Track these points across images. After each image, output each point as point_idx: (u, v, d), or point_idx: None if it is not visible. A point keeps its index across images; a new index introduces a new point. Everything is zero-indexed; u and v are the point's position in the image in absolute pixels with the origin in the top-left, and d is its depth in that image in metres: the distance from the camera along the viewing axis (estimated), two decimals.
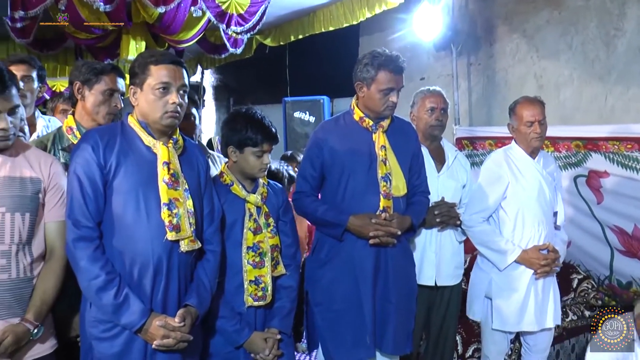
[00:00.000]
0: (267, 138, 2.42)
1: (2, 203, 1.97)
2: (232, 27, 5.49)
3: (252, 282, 2.40)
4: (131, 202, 2.06)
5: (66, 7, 4.94)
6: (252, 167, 2.44)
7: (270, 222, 2.49)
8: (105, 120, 2.54)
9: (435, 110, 3.22)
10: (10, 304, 1.97)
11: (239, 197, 2.45)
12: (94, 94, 2.54)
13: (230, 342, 2.38)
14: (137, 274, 2.06)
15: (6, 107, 1.97)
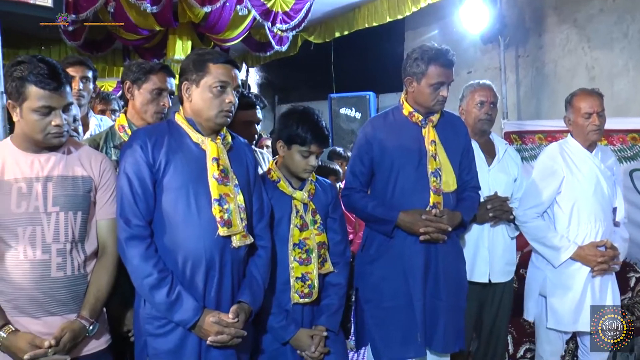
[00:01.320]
0: (316, 139, 2.39)
1: (56, 202, 2.01)
2: (278, 25, 5.51)
3: (299, 279, 2.38)
4: (181, 199, 2.07)
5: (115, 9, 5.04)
6: (297, 166, 2.42)
7: (317, 219, 2.46)
8: (154, 119, 2.57)
9: (485, 104, 3.15)
10: (67, 300, 2.01)
11: (285, 194, 2.44)
12: (142, 93, 2.57)
13: (276, 338, 2.38)
14: (190, 271, 2.07)
15: (61, 104, 2.00)
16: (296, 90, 7.50)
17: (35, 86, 1.94)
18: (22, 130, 2.02)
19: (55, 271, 1.98)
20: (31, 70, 1.94)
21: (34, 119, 1.97)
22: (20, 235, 1.96)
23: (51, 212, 2.00)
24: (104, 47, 6.63)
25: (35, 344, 1.90)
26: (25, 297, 1.96)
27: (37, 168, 2.02)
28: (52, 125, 1.98)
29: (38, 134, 1.99)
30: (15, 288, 1.95)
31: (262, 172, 2.54)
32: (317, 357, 2.37)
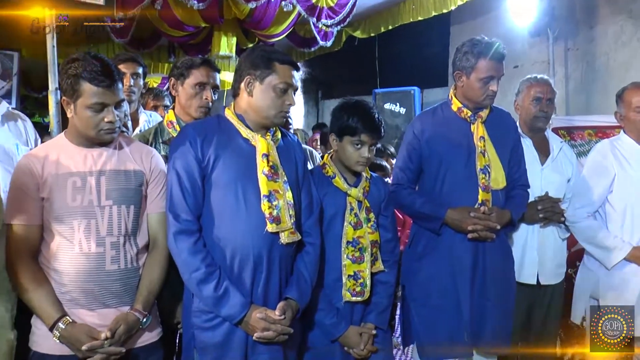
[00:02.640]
0: (367, 128, 2.37)
1: (109, 196, 2.05)
2: (323, 20, 5.50)
3: (351, 277, 2.37)
4: (230, 194, 2.09)
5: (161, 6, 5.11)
6: (350, 158, 2.40)
7: (371, 217, 2.44)
8: (198, 113, 2.59)
9: (541, 101, 3.07)
10: (120, 293, 2.05)
11: (340, 190, 2.42)
12: (185, 89, 2.61)
13: (326, 335, 2.37)
14: (238, 267, 2.08)
15: (113, 101, 2.04)
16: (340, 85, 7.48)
17: (90, 83, 1.98)
18: (75, 126, 2.07)
19: (109, 264, 2.03)
20: (85, 68, 1.98)
21: (87, 115, 2.01)
22: (75, 229, 2.01)
23: (105, 206, 2.04)
24: (150, 44, 6.75)
25: (92, 335, 1.95)
26: (81, 290, 2.00)
27: (91, 163, 2.06)
28: (104, 121, 2.02)
29: (91, 130, 2.03)
30: (72, 280, 2.00)
31: (317, 166, 2.54)
32: (365, 354, 2.37)
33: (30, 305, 2.01)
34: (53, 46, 2.93)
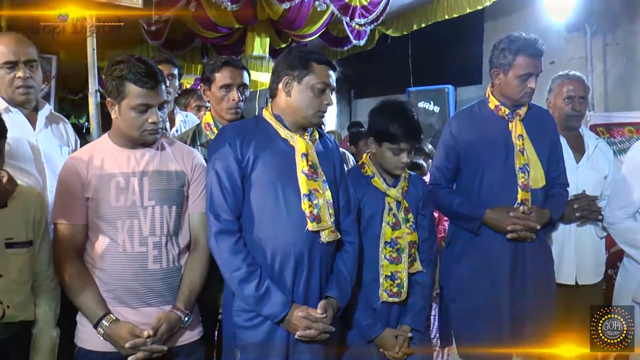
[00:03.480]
0: (407, 137, 2.35)
1: (151, 196, 2.09)
2: (356, 20, 5.50)
3: (388, 278, 2.36)
4: (270, 194, 2.10)
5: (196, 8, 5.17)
6: (389, 164, 2.39)
7: (409, 217, 2.43)
8: (229, 115, 2.60)
9: (574, 99, 3.00)
10: (163, 292, 2.08)
11: (379, 190, 2.42)
12: (213, 92, 2.62)
13: (363, 336, 2.37)
14: (278, 266, 2.09)
15: (157, 102, 2.07)
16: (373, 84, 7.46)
17: (134, 85, 2.02)
18: (119, 127, 2.11)
19: (152, 263, 2.06)
20: (130, 70, 2.02)
21: (131, 116, 2.05)
22: (119, 228, 2.05)
23: (147, 206, 2.07)
24: (184, 46, 6.81)
25: (135, 333, 1.99)
26: (124, 288, 2.04)
27: (133, 163, 2.10)
28: (148, 122, 2.05)
29: (135, 130, 2.07)
30: (115, 279, 2.04)
31: (356, 166, 2.53)
32: (400, 357, 2.35)
33: (75, 303, 2.06)
34: (93, 49, 2.99)
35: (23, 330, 2.01)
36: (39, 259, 2.06)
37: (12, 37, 2.38)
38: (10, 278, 1.95)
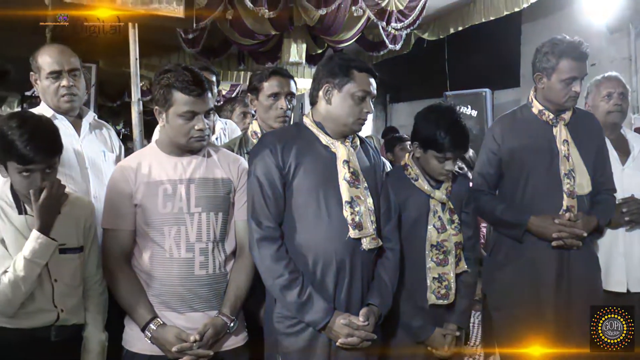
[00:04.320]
0: (455, 146, 2.32)
1: (198, 203, 2.12)
2: (392, 24, 5.47)
3: (436, 280, 2.35)
4: (312, 201, 2.10)
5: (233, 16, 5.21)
6: (433, 170, 2.38)
7: (454, 218, 2.41)
8: (277, 123, 2.62)
9: (613, 96, 2.95)
10: (209, 298, 2.11)
11: (423, 192, 2.40)
12: (261, 101, 2.65)
13: (412, 337, 2.36)
14: (320, 273, 2.09)
15: (203, 110, 2.11)
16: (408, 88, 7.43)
17: (181, 92, 2.06)
18: (167, 134, 2.15)
19: (198, 269, 2.09)
20: (177, 78, 2.06)
21: (179, 123, 2.08)
22: (166, 235, 2.08)
23: (194, 213, 2.10)
24: (220, 53, 6.85)
25: (182, 337, 2.02)
26: (171, 293, 2.08)
27: (180, 170, 2.13)
28: (195, 129, 2.09)
29: (182, 137, 2.10)
30: (162, 284, 2.08)
31: (398, 167, 2.53)
32: (449, 355, 2.35)
33: (123, 307, 2.11)
34: (136, 59, 3.02)
35: (75, 333, 2.07)
36: (89, 265, 2.12)
37: (56, 47, 2.47)
38: (64, 283, 2.02)
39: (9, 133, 1.88)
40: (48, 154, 1.93)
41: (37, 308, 1.97)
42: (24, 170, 1.90)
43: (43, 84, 2.43)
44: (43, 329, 1.98)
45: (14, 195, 2.00)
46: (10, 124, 1.90)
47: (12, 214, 1.98)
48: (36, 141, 1.89)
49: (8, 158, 1.92)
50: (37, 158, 1.89)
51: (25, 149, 1.87)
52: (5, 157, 1.92)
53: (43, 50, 2.45)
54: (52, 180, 1.97)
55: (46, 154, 1.92)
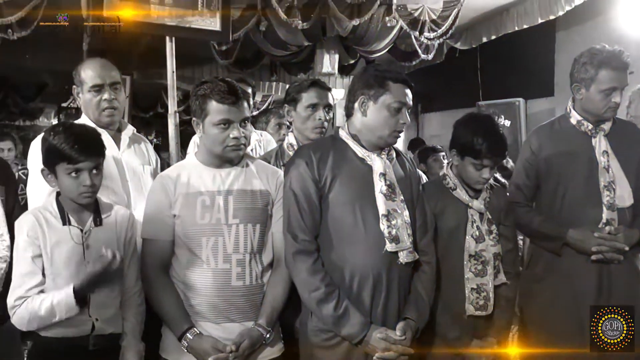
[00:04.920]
0: (491, 153, 2.30)
1: (236, 215, 2.13)
2: (425, 34, 5.47)
3: (474, 291, 2.32)
4: (348, 214, 2.10)
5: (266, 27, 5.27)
6: (469, 177, 2.36)
7: (492, 229, 2.38)
8: (314, 134, 2.64)
9: None
10: (245, 309, 2.12)
11: (461, 202, 2.38)
12: (298, 112, 2.66)
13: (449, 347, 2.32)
14: (357, 287, 2.08)
15: (238, 118, 2.13)
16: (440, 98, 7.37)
17: (216, 101, 2.10)
18: (204, 145, 2.19)
19: (235, 280, 2.10)
20: (213, 89, 2.10)
21: (214, 132, 2.12)
22: (203, 245, 2.10)
23: (232, 224, 2.12)
24: (253, 64, 6.93)
25: (218, 347, 2.03)
26: (208, 304, 2.09)
27: (219, 182, 2.16)
28: (230, 137, 2.11)
29: (218, 146, 2.13)
30: (199, 294, 2.10)
31: (437, 177, 2.52)
32: None
33: (161, 316, 2.14)
34: (173, 72, 3.07)
35: (113, 343, 2.10)
36: (128, 276, 2.15)
37: (98, 62, 2.51)
38: (101, 293, 2.05)
39: (56, 138, 1.99)
40: (94, 153, 2.02)
41: (72, 318, 2.00)
42: (73, 170, 1.98)
43: (85, 97, 2.48)
44: (81, 338, 2.02)
45: (59, 207, 2.06)
46: (56, 131, 2.02)
47: (56, 224, 2.03)
48: (82, 141, 2.00)
49: (57, 162, 2.00)
50: (84, 156, 1.98)
51: (73, 148, 1.97)
52: (54, 162, 2.00)
53: (86, 64, 2.50)
54: (99, 182, 2.04)
55: (93, 152, 2.02)
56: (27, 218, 2.05)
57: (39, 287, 1.99)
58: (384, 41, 5.78)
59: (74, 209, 2.07)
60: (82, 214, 2.08)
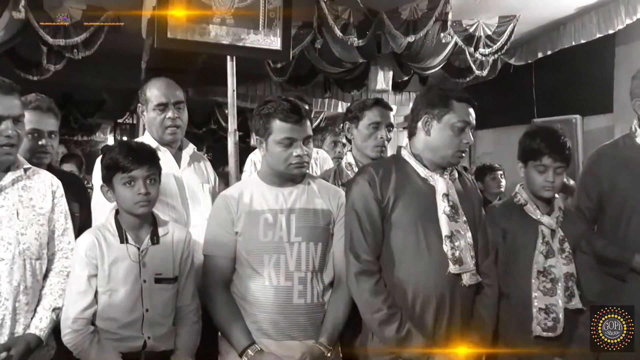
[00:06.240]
0: (550, 150, 2.28)
1: (298, 233, 2.16)
2: (480, 50, 5.43)
3: (542, 311, 2.25)
4: (411, 235, 2.09)
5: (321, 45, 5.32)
6: (534, 184, 2.33)
7: (565, 247, 2.32)
8: (374, 153, 2.65)
9: None
10: (306, 327, 2.13)
11: (532, 218, 2.34)
12: (360, 130, 2.69)
13: None
14: (420, 308, 2.07)
15: (301, 136, 2.16)
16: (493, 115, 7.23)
17: (280, 120, 2.13)
18: (267, 164, 2.23)
19: (296, 298, 2.12)
20: (276, 107, 2.14)
21: (277, 151, 2.15)
22: (266, 263, 2.13)
23: (294, 242, 2.15)
24: (307, 81, 6.99)
25: None
26: (269, 321, 2.11)
27: (281, 201, 2.19)
28: (293, 155, 2.14)
29: (281, 164, 2.16)
30: (261, 311, 2.12)
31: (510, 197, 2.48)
32: None
33: (222, 331, 2.17)
34: (233, 90, 3.13)
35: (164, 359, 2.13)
36: (183, 294, 2.19)
37: (162, 81, 2.58)
38: (155, 312, 2.10)
39: (112, 153, 2.10)
40: (146, 161, 2.10)
41: (124, 335, 2.06)
42: (127, 179, 2.07)
43: (150, 115, 2.54)
44: (133, 353, 2.06)
45: (117, 225, 2.13)
46: (112, 147, 2.15)
47: (114, 242, 2.10)
48: (136, 151, 2.10)
49: (113, 173, 2.09)
50: (137, 164, 2.07)
51: (127, 158, 2.07)
52: (111, 174, 2.10)
53: (151, 83, 2.57)
54: (155, 192, 2.10)
55: (145, 160, 2.10)
56: (86, 237, 2.11)
57: (90, 308, 2.05)
58: (439, 57, 5.76)
59: (132, 226, 2.13)
60: (139, 231, 2.14)
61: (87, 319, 2.04)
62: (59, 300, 2.11)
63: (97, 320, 2.06)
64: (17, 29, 4.95)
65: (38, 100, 2.55)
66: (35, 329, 2.05)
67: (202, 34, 2.94)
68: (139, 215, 2.12)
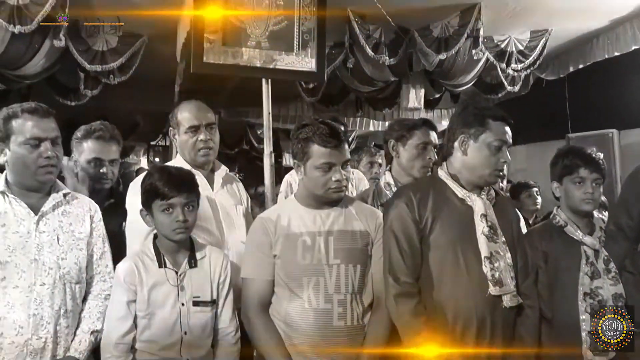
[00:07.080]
0: (583, 161, 2.30)
1: (337, 255, 2.16)
2: (512, 65, 5.39)
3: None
4: (450, 256, 2.08)
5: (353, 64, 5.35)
6: (573, 199, 2.32)
7: (611, 267, 2.28)
8: (420, 173, 2.64)
9: None
10: (346, 349, 2.11)
11: (574, 239, 2.32)
12: (407, 149, 2.68)
13: None
14: (460, 330, 2.05)
15: (340, 161, 2.17)
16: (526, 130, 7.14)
17: (318, 145, 2.15)
18: (305, 187, 2.24)
19: (336, 320, 2.12)
20: (315, 132, 2.16)
21: (316, 175, 2.16)
22: (305, 285, 2.14)
23: (333, 264, 2.15)
24: (339, 100, 7.01)
25: None
26: (309, 343, 2.11)
27: (319, 223, 2.20)
28: (332, 180, 2.15)
29: (320, 189, 2.17)
30: (300, 334, 2.12)
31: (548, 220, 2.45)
32: None
33: (262, 354, 2.17)
34: (269, 113, 3.14)
35: None
36: (222, 317, 2.21)
37: (194, 104, 2.60)
38: (193, 335, 2.12)
39: (151, 179, 2.13)
40: (185, 189, 2.13)
41: (164, 357, 2.08)
42: (166, 206, 2.10)
43: (182, 138, 2.55)
44: None
45: (156, 249, 2.17)
46: (151, 173, 2.18)
47: (152, 267, 2.14)
48: (174, 178, 2.13)
49: (152, 200, 2.12)
50: (176, 192, 2.10)
51: (166, 185, 2.10)
52: (150, 200, 2.13)
53: (183, 106, 2.59)
54: (192, 219, 2.13)
55: (184, 188, 2.13)
56: (125, 264, 2.15)
57: (130, 333, 2.08)
58: (471, 74, 5.74)
59: (170, 250, 2.16)
60: (177, 255, 2.17)
61: (127, 344, 2.07)
62: (97, 323, 2.15)
63: (137, 343, 2.09)
64: (57, 57, 5.09)
65: (102, 129, 2.67)
66: (75, 351, 2.08)
67: (235, 57, 2.98)
68: (176, 241, 2.15)
